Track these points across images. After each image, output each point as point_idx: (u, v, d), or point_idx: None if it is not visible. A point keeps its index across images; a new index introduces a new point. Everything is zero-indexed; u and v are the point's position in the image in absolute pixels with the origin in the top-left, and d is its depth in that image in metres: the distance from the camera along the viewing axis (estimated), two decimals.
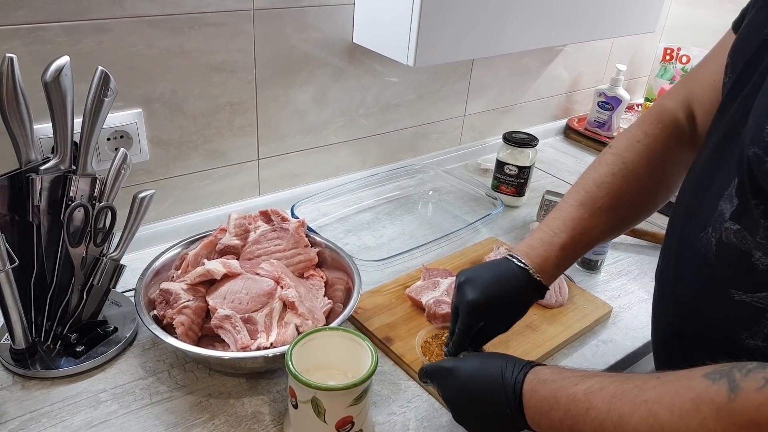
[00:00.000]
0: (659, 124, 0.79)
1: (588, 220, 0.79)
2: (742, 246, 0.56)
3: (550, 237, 0.79)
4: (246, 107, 1.08)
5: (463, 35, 1.06)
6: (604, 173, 0.80)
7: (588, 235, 0.79)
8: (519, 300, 0.78)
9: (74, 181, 0.78)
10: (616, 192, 0.78)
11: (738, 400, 0.43)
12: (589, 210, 0.79)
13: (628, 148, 0.80)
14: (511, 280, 0.77)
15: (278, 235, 0.94)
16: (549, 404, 0.59)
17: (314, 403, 0.67)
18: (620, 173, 0.79)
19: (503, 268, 0.78)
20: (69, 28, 0.86)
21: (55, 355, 0.82)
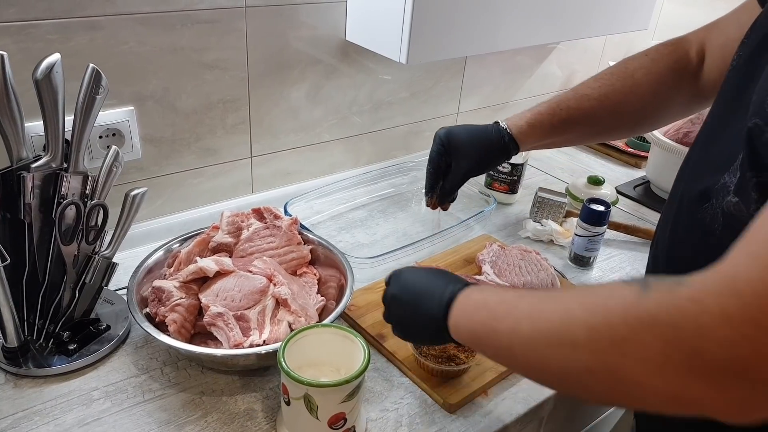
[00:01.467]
0: (671, 47, 0.85)
1: (573, 100, 0.87)
2: (741, 218, 0.56)
3: (533, 106, 0.91)
4: (239, 105, 1.08)
5: (456, 33, 1.06)
6: (605, 71, 0.87)
7: (567, 112, 0.87)
8: (484, 141, 0.90)
9: (66, 178, 0.78)
10: (608, 86, 0.85)
11: (644, 298, 0.44)
12: (578, 93, 0.87)
13: (636, 57, 0.86)
14: (480, 127, 0.92)
15: (271, 232, 0.94)
16: (477, 306, 0.61)
17: (306, 399, 0.67)
18: (619, 73, 0.85)
19: (477, 124, 0.92)
20: (60, 25, 0.86)
21: (47, 354, 0.82)
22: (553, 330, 0.50)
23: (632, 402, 0.47)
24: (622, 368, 0.44)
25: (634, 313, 0.44)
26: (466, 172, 0.93)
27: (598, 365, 0.46)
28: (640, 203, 1.37)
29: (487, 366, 0.85)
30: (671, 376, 0.41)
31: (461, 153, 0.91)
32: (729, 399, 0.40)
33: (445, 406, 0.80)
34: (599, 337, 0.46)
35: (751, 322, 0.38)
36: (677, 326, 0.41)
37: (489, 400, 0.82)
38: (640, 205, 1.36)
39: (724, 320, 0.39)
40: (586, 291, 0.51)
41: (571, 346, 0.48)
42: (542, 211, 1.23)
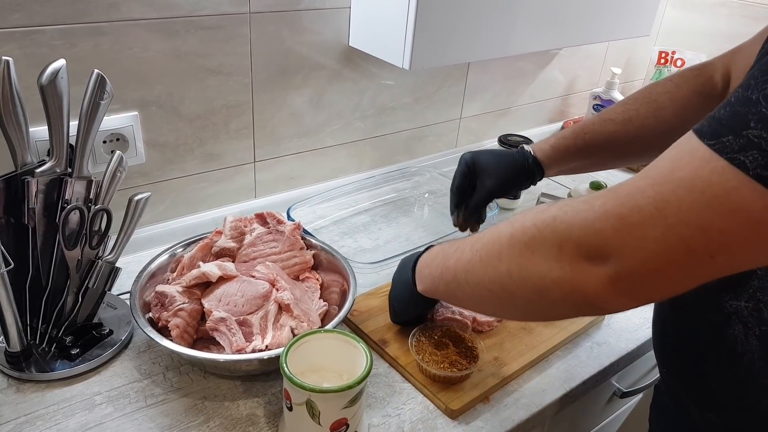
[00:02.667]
0: (696, 72, 0.86)
1: (597, 124, 0.90)
2: None
3: (557, 133, 0.94)
4: (242, 110, 1.09)
5: (459, 39, 1.06)
6: (630, 97, 0.90)
7: (591, 136, 0.89)
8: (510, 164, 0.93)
9: (70, 183, 0.78)
10: (632, 111, 0.87)
11: (553, 205, 0.54)
12: (602, 117, 0.90)
13: (661, 82, 0.89)
14: (505, 152, 0.96)
15: (274, 237, 0.95)
16: (434, 255, 0.72)
17: (309, 405, 0.67)
18: (642, 98, 0.88)
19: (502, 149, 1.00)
20: (65, 31, 0.86)
21: (50, 358, 0.82)
22: (485, 248, 0.60)
23: (542, 302, 0.54)
24: (530, 264, 0.54)
25: (542, 216, 0.54)
26: (490, 191, 0.95)
27: (515, 266, 0.55)
28: None
29: (488, 372, 0.85)
30: (564, 264, 0.51)
31: (486, 172, 0.94)
32: (603, 281, 0.48)
33: (446, 412, 0.80)
34: (515, 242, 0.56)
35: (619, 217, 0.47)
36: (569, 222, 0.51)
37: (490, 406, 0.82)
38: None
39: (602, 215, 0.48)
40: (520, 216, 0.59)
41: (497, 257, 0.58)
42: None
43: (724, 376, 0.65)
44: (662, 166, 0.47)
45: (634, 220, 0.46)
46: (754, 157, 0.42)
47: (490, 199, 0.96)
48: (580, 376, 0.88)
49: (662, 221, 0.45)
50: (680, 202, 0.44)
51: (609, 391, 1.09)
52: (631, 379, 1.12)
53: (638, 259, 0.46)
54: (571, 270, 0.50)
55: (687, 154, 0.46)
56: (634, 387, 1.09)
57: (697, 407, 0.70)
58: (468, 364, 0.83)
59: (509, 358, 0.88)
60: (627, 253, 0.46)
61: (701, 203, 0.43)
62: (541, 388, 0.86)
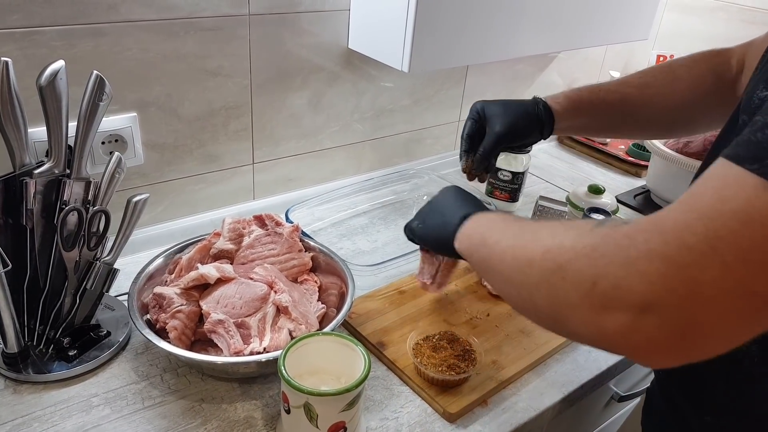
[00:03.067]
0: (715, 52, 0.89)
1: (613, 84, 0.91)
2: None
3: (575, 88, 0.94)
4: (241, 111, 1.09)
5: (458, 42, 1.06)
6: (651, 66, 0.92)
7: (607, 93, 0.90)
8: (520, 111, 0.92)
9: (68, 184, 0.78)
10: (649, 77, 0.89)
11: (594, 231, 0.48)
12: (619, 80, 0.91)
13: (682, 58, 0.90)
14: (516, 100, 0.94)
15: (272, 239, 0.94)
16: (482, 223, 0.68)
17: (307, 408, 0.67)
18: (661, 68, 0.90)
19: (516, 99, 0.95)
20: (64, 32, 0.86)
21: (47, 359, 0.81)
22: (520, 247, 0.56)
23: (568, 327, 0.49)
24: (560, 289, 0.48)
25: (581, 241, 0.48)
26: (499, 137, 0.93)
27: (544, 283, 0.50)
28: (640, 212, 1.37)
29: (487, 375, 0.85)
30: (596, 303, 0.45)
31: (495, 118, 0.93)
32: (639, 334, 0.42)
33: (445, 416, 0.80)
34: (549, 258, 0.50)
35: (666, 259, 0.41)
36: (608, 257, 0.45)
37: (489, 410, 0.82)
38: (641, 214, 1.36)
39: (646, 255, 0.42)
40: (564, 222, 0.55)
41: (528, 263, 0.53)
42: (543, 219, 1.23)
43: (723, 380, 0.65)
44: (707, 197, 0.42)
45: (684, 261, 0.40)
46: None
47: (498, 146, 0.94)
48: (578, 380, 0.88)
49: (717, 261, 0.39)
50: (736, 237, 0.39)
51: (607, 394, 1.09)
52: (628, 383, 1.12)
53: (690, 308, 0.40)
54: (601, 314, 0.44)
55: (732, 182, 0.41)
56: (631, 391, 1.09)
57: (694, 410, 0.70)
58: (466, 368, 0.83)
59: (507, 362, 0.88)
60: (676, 302, 0.40)
61: (761, 236, 0.39)
62: (539, 391, 0.86)
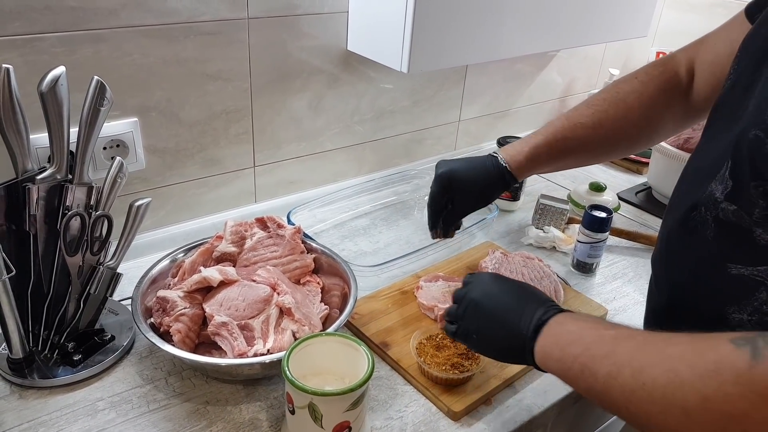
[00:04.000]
0: (661, 68, 0.86)
1: (568, 129, 0.88)
2: (742, 224, 0.58)
3: (529, 137, 0.91)
4: (242, 115, 1.09)
5: (457, 42, 1.07)
6: (597, 97, 0.89)
7: (564, 142, 0.88)
8: (486, 180, 0.91)
9: (71, 190, 0.79)
10: (602, 113, 0.87)
11: (759, 367, 0.43)
12: (572, 121, 0.88)
13: (626, 80, 0.88)
14: (479, 163, 0.92)
15: (274, 241, 0.95)
16: (571, 339, 0.59)
17: (311, 408, 0.67)
18: (611, 98, 0.87)
19: (475, 157, 0.93)
20: (65, 38, 0.87)
21: (52, 364, 0.82)
22: (659, 389, 0.49)
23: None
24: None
25: (752, 386, 0.43)
26: (470, 208, 0.96)
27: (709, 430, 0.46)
28: (641, 209, 1.37)
29: (490, 374, 0.85)
30: None
31: (464, 192, 0.93)
32: None
33: (449, 414, 0.80)
34: (714, 408, 0.45)
35: None
36: None
37: (493, 408, 0.82)
38: (642, 211, 1.36)
39: None
40: (692, 348, 0.50)
41: (682, 412, 0.47)
42: (544, 217, 1.23)
43: None
44: None
45: None
46: None
47: (466, 215, 0.98)
48: None
49: None
50: None
51: None
52: None
53: None
54: None
55: None
56: None
57: None
58: (470, 366, 0.83)
59: None
60: None
61: None
62: (542, 389, 0.86)
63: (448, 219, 0.95)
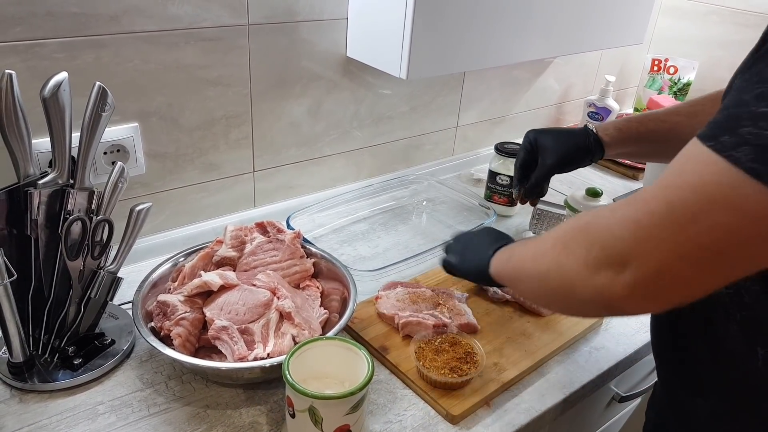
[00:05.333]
0: None
1: (663, 113, 0.94)
2: None
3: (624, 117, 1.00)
4: (241, 120, 1.10)
5: (455, 48, 1.08)
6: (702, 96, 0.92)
7: (656, 123, 0.93)
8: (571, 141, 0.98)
9: (72, 194, 0.79)
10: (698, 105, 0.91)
11: (593, 210, 0.58)
12: (668, 109, 0.94)
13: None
14: (568, 130, 1.00)
15: (274, 246, 0.95)
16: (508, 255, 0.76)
17: (311, 411, 0.67)
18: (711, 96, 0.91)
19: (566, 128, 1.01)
20: (66, 44, 0.87)
21: (52, 368, 0.82)
22: (536, 248, 0.66)
23: (575, 295, 0.57)
24: (566, 264, 0.58)
25: (579, 221, 0.59)
26: (551, 168, 1.01)
27: (554, 265, 0.60)
28: None
29: (489, 377, 0.86)
30: (591, 266, 0.54)
31: (547, 151, 0.99)
32: (624, 286, 0.51)
33: (447, 418, 0.81)
34: (557, 243, 0.60)
35: (635, 222, 0.50)
36: (598, 227, 0.55)
37: (491, 412, 0.83)
38: None
39: (620, 221, 0.52)
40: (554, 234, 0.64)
41: (543, 254, 0.63)
42: (541, 223, 1.24)
43: (709, 360, 0.67)
44: (671, 172, 0.50)
45: (648, 223, 0.49)
46: (746, 153, 0.44)
47: (550, 176, 1.02)
48: (579, 381, 0.89)
49: (673, 222, 0.48)
50: (687, 202, 0.47)
51: (608, 395, 1.10)
52: (629, 384, 1.13)
53: (654, 262, 0.49)
54: (595, 274, 0.53)
55: (691, 158, 0.49)
56: (632, 391, 1.10)
57: (686, 392, 0.71)
58: (468, 370, 0.83)
59: (509, 364, 0.89)
60: (644, 257, 0.49)
61: (705, 202, 0.46)
62: (540, 392, 0.86)
63: (531, 181, 1.02)
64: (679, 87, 1.75)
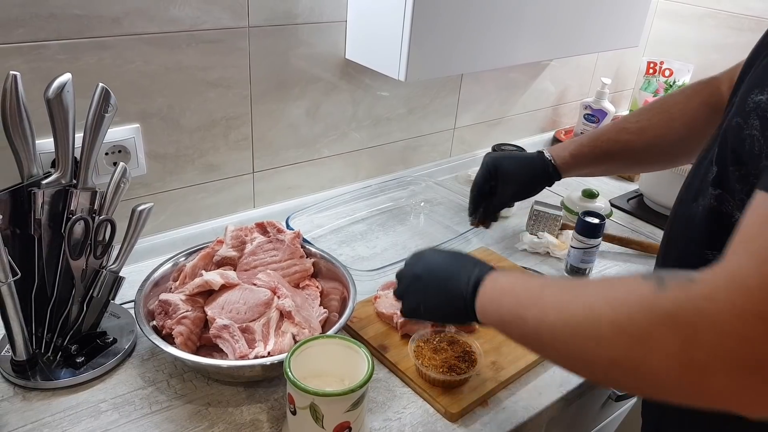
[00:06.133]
0: (704, 85, 0.90)
1: (613, 132, 0.93)
2: (724, 209, 0.62)
3: (574, 139, 0.97)
4: (241, 122, 1.11)
5: (453, 51, 1.09)
6: (643, 108, 0.93)
7: (608, 144, 0.93)
8: (530, 172, 0.96)
9: (75, 195, 0.80)
10: (646, 120, 0.91)
11: (661, 294, 0.47)
12: (618, 126, 0.93)
13: (673, 94, 0.93)
14: (525, 156, 0.98)
15: (274, 246, 0.96)
16: (503, 292, 0.65)
17: (312, 409, 0.68)
18: (657, 108, 0.91)
19: (523, 152, 0.99)
20: (69, 45, 0.88)
21: (55, 367, 0.83)
22: (578, 323, 0.53)
23: (657, 393, 0.49)
24: (646, 363, 0.47)
25: (654, 310, 0.47)
26: (512, 197, 1.02)
27: (623, 359, 0.49)
28: (633, 216, 1.39)
29: (487, 376, 0.87)
30: (693, 372, 0.44)
31: (508, 179, 0.99)
32: (747, 392, 0.42)
33: (446, 416, 0.82)
34: (621, 332, 0.49)
35: (760, 317, 0.41)
36: (695, 325, 0.44)
37: (489, 410, 0.84)
38: (634, 218, 1.39)
39: (736, 317, 0.42)
40: (606, 285, 0.54)
41: (595, 341, 0.51)
42: (538, 223, 1.25)
43: None
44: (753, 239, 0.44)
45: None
46: None
47: (508, 204, 1.03)
48: (575, 380, 0.90)
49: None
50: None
51: (604, 394, 1.11)
52: None
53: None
54: (702, 380, 0.44)
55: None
56: None
57: None
58: (466, 368, 0.84)
59: (506, 362, 0.90)
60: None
61: None
62: (537, 391, 0.88)
63: (488, 208, 1.01)
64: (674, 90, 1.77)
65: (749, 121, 0.57)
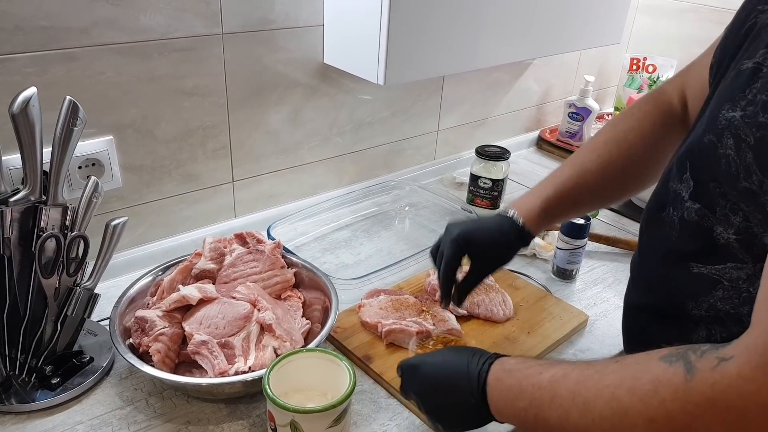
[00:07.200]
0: (653, 102, 0.86)
1: (576, 177, 0.86)
2: (704, 223, 0.60)
3: (539, 189, 0.88)
4: (219, 130, 1.09)
5: (433, 53, 1.07)
6: (597, 140, 0.87)
7: (574, 191, 0.86)
8: (505, 242, 0.86)
9: (45, 211, 0.77)
10: (606, 155, 0.85)
11: (694, 380, 0.46)
12: (579, 169, 0.86)
13: (622, 119, 0.87)
14: (495, 224, 0.87)
15: (254, 257, 0.94)
16: (514, 393, 0.62)
17: (293, 426, 0.67)
18: (612, 139, 0.85)
19: (489, 218, 0.89)
20: (36, 58, 0.86)
21: (30, 389, 0.80)
22: (607, 422, 0.51)
23: None
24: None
25: (692, 400, 0.45)
26: (489, 271, 0.91)
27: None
28: (620, 214, 1.38)
29: None
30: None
31: (483, 255, 0.87)
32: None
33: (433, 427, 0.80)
34: (660, 428, 0.47)
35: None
36: (738, 408, 0.43)
37: None
38: (621, 216, 1.38)
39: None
40: (625, 374, 0.51)
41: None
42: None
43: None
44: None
45: None
46: None
47: (483, 279, 0.92)
48: None
49: None
50: None
51: None
52: None
53: None
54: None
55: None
56: None
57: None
58: None
59: None
60: None
61: None
62: None
63: (464, 285, 0.89)
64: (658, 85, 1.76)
65: (723, 140, 0.56)
